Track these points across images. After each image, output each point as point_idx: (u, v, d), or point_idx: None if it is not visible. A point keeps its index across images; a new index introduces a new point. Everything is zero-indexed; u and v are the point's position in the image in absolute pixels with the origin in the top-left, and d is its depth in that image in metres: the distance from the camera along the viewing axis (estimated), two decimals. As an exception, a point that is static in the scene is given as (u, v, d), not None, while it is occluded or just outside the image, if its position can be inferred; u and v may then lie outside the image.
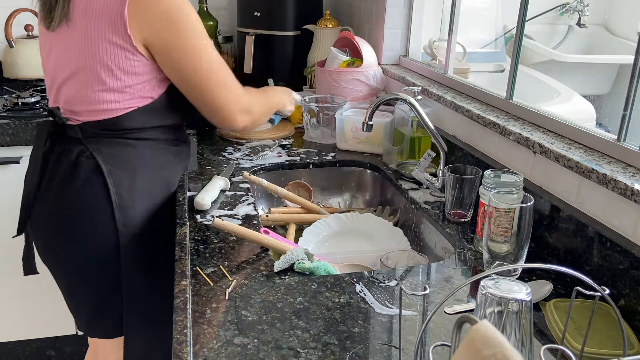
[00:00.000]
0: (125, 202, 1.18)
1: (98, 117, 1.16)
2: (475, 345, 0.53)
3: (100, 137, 1.18)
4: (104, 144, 1.18)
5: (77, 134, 1.17)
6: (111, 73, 1.13)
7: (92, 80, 1.14)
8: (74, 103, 1.17)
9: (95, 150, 1.17)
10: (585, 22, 3.12)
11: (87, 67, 1.13)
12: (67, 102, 1.18)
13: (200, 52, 1.15)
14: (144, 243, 1.22)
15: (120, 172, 1.18)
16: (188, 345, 0.80)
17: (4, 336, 2.11)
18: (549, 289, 0.95)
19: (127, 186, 1.18)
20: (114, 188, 1.16)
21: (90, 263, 1.20)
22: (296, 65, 2.20)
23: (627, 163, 1.03)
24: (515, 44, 1.39)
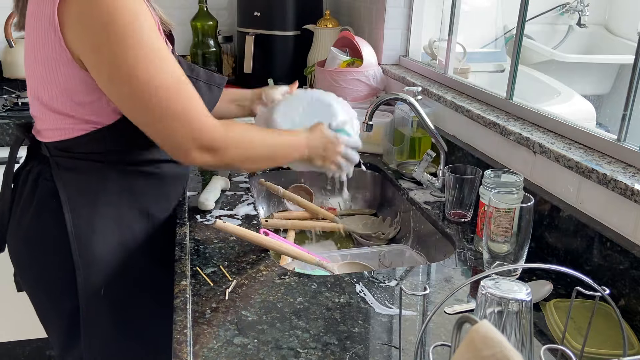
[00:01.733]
0: (84, 233, 1.03)
1: (54, 138, 1.02)
2: (475, 345, 0.53)
3: (65, 158, 1.03)
4: (67, 164, 1.03)
5: (45, 151, 1.04)
6: (53, 92, 0.97)
7: (39, 99, 1.00)
8: (37, 119, 1.06)
9: (56, 172, 1.03)
10: (585, 22, 3.12)
11: (34, 83, 1.00)
12: (34, 118, 1.07)
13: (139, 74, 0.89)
14: (106, 279, 1.06)
15: (80, 198, 1.03)
16: (188, 345, 0.80)
17: (4, 336, 2.11)
18: (549, 289, 0.95)
19: (87, 215, 1.03)
20: (70, 216, 1.02)
21: (51, 289, 1.09)
22: (296, 65, 2.20)
23: (627, 163, 1.03)
24: (515, 44, 1.39)
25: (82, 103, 0.98)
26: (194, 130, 0.94)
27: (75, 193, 1.03)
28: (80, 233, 1.02)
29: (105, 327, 1.08)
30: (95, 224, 1.03)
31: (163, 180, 1.11)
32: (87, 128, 1.00)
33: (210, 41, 2.26)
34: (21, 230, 1.08)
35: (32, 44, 0.97)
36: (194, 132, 0.94)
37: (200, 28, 2.23)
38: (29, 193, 1.06)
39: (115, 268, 1.06)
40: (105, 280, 1.05)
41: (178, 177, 1.16)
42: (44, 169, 1.04)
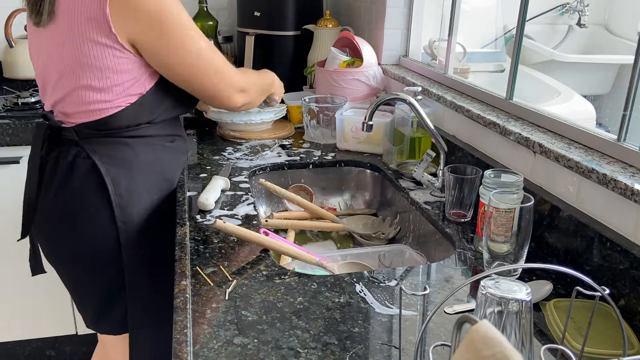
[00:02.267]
0: (125, 201, 1.18)
1: (90, 117, 1.16)
2: (475, 345, 0.53)
3: (96, 137, 1.18)
4: (99, 144, 1.18)
5: (72, 135, 1.17)
6: (99, 73, 1.12)
7: (80, 82, 1.13)
8: (65, 105, 1.17)
9: (91, 151, 1.17)
10: (585, 22, 3.12)
11: (74, 68, 1.12)
12: (59, 105, 1.18)
13: (186, 44, 1.15)
14: (145, 240, 1.22)
15: (117, 171, 1.18)
16: (188, 345, 0.80)
17: (4, 336, 2.11)
18: (549, 289, 0.95)
19: (125, 185, 1.18)
20: (113, 187, 1.17)
21: (93, 261, 1.21)
22: (296, 65, 2.20)
23: (627, 163, 1.03)
24: (515, 44, 1.39)
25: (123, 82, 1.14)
26: (232, 77, 1.26)
27: (112, 167, 1.18)
28: (121, 201, 1.18)
29: (146, 283, 1.24)
30: (132, 191, 1.19)
31: (176, 151, 1.32)
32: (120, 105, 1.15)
33: (210, 41, 2.25)
34: (58, 208, 1.19)
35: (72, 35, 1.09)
36: (232, 78, 1.26)
37: (200, 28, 2.21)
38: (65, 174, 1.17)
39: (149, 228, 1.23)
40: (143, 240, 1.22)
41: (186, 150, 1.38)
42: (78, 150, 1.17)
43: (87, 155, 1.17)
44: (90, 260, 1.22)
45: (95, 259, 1.21)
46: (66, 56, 1.12)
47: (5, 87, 2.12)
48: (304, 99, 1.75)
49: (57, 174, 1.18)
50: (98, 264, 1.22)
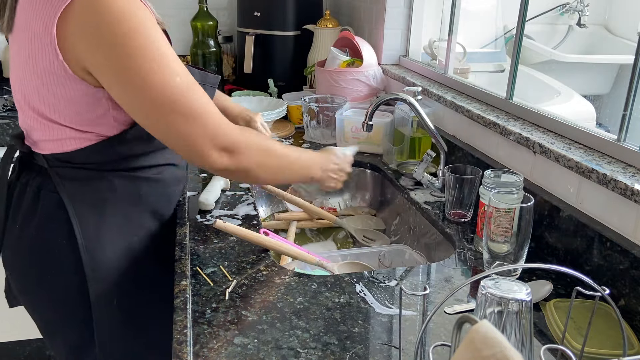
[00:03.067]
0: (94, 244, 1.01)
1: (55, 149, 0.99)
2: (475, 345, 0.53)
3: (67, 168, 1.00)
4: (70, 175, 1.01)
5: (42, 162, 1.01)
6: (52, 105, 0.94)
7: (37, 109, 0.96)
8: (31, 131, 1.01)
9: (58, 183, 1.00)
10: (585, 22, 3.12)
11: (29, 94, 0.96)
12: (26, 130, 1.03)
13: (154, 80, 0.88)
14: (119, 289, 1.05)
15: (87, 208, 1.01)
16: (188, 345, 0.80)
17: (4, 336, 2.11)
18: (549, 289, 0.95)
19: (96, 225, 1.01)
20: (79, 227, 1.00)
21: (58, 308, 1.07)
22: (296, 65, 2.20)
23: (627, 163, 1.03)
24: (515, 44, 1.39)
25: (86, 116, 0.96)
26: (212, 130, 0.92)
27: (81, 203, 1.01)
28: (89, 243, 1.01)
29: (117, 331, 1.08)
30: (104, 232, 1.02)
31: (165, 183, 1.10)
32: (91, 139, 0.98)
33: (210, 41, 2.26)
34: (23, 243, 1.04)
35: (25, 55, 0.92)
36: (212, 133, 0.92)
37: (200, 28, 2.23)
38: (30, 205, 1.02)
39: (124, 273, 1.05)
40: (116, 286, 1.05)
41: (179, 180, 1.16)
42: (45, 180, 1.01)
43: (53, 188, 1.00)
44: (56, 306, 1.07)
45: (62, 306, 1.07)
46: (21, 76, 0.96)
47: (5, 87, 2.12)
48: (304, 99, 1.75)
49: (24, 203, 1.03)
50: (65, 311, 1.07)
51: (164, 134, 0.93)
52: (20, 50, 0.94)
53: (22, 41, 0.92)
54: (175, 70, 0.90)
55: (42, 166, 1.01)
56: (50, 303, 1.07)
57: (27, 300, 1.12)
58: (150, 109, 0.90)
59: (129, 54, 0.86)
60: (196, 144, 0.92)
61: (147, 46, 0.87)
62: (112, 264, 1.03)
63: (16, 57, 0.96)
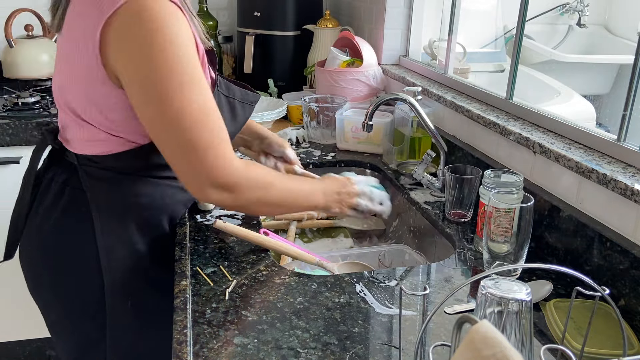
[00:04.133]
0: (112, 244, 1.03)
1: (86, 150, 1.01)
2: (475, 345, 0.53)
3: (95, 168, 1.02)
4: (98, 175, 1.02)
5: (73, 159, 1.03)
6: (86, 107, 0.97)
7: (71, 107, 0.99)
8: (65, 129, 1.04)
9: (85, 181, 1.02)
10: (585, 22, 3.13)
11: (67, 92, 0.99)
12: (62, 126, 1.05)
13: (168, 100, 0.87)
14: (134, 289, 1.07)
15: (109, 208, 1.03)
16: (188, 345, 0.80)
17: (4, 336, 2.11)
18: (549, 289, 0.95)
19: (116, 225, 1.03)
20: (100, 225, 1.02)
21: (71, 306, 1.08)
22: (296, 65, 2.20)
23: (627, 163, 1.03)
24: (515, 44, 1.39)
25: (118, 122, 0.97)
26: (215, 166, 0.91)
27: (105, 203, 1.02)
28: (107, 243, 1.02)
29: (130, 332, 1.09)
30: (123, 233, 1.04)
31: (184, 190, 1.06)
32: (122, 144, 1.00)
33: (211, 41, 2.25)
34: (40, 238, 1.06)
35: (67, 55, 0.96)
36: (210, 169, 0.91)
37: (200, 28, 2.23)
38: (53, 199, 1.04)
39: (139, 275, 1.07)
40: (130, 288, 1.06)
41: None
42: (72, 176, 1.03)
43: (78, 185, 1.02)
44: (69, 305, 1.08)
45: (74, 305, 1.08)
46: (62, 75, 0.99)
47: (5, 87, 2.12)
48: (304, 99, 1.75)
49: (47, 197, 1.05)
50: (77, 310, 1.08)
51: (167, 155, 0.93)
52: (64, 49, 0.97)
53: (67, 42, 0.96)
54: (195, 96, 0.89)
55: (72, 163, 1.04)
56: (63, 298, 1.08)
57: (38, 294, 1.13)
58: (160, 128, 0.90)
59: (156, 67, 0.86)
60: (194, 176, 0.92)
61: (174, 64, 0.87)
62: (128, 265, 1.05)
63: (60, 55, 1.00)
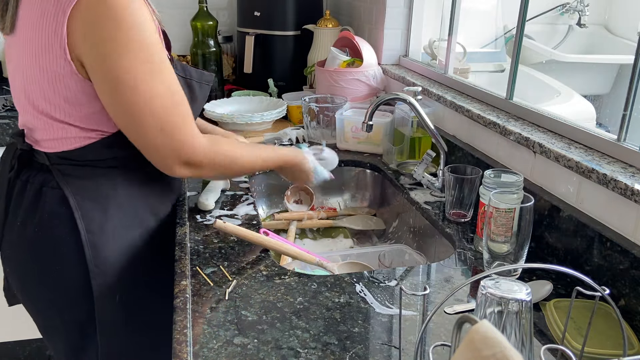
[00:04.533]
0: (98, 240, 1.02)
1: (59, 148, 1.01)
2: (475, 345, 0.53)
3: (68, 165, 1.02)
4: (72, 172, 1.02)
5: (44, 159, 1.02)
6: (56, 102, 0.96)
7: (39, 108, 0.98)
8: (33, 130, 1.03)
9: (61, 180, 1.01)
10: (585, 22, 3.13)
11: (34, 92, 0.97)
12: (28, 128, 1.04)
13: (137, 84, 0.90)
14: (121, 284, 1.06)
15: (91, 204, 1.02)
16: (188, 345, 0.80)
17: (4, 336, 2.11)
18: (549, 289, 0.95)
19: (99, 220, 1.03)
20: (83, 223, 1.01)
21: (60, 305, 1.07)
22: (296, 65, 2.20)
23: (627, 163, 1.03)
24: (515, 44, 1.39)
25: (87, 113, 0.98)
26: (182, 147, 0.97)
27: (84, 199, 1.02)
28: (93, 239, 1.02)
29: (119, 328, 1.09)
30: (107, 227, 1.04)
31: (165, 177, 1.11)
32: (93, 137, 1.00)
33: (210, 41, 2.25)
34: (24, 240, 1.05)
35: (30, 55, 0.94)
36: (182, 149, 0.97)
37: (200, 28, 2.23)
38: (32, 202, 1.03)
39: (126, 269, 1.07)
40: (118, 282, 1.06)
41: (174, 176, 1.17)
42: (47, 177, 1.02)
43: (56, 184, 1.02)
44: (57, 304, 1.07)
45: (63, 304, 1.07)
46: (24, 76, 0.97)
47: (5, 87, 2.12)
48: (304, 99, 1.75)
49: (24, 201, 1.04)
50: (66, 309, 1.07)
51: (135, 139, 0.98)
52: (24, 50, 0.95)
53: (26, 41, 0.94)
54: (160, 80, 0.93)
55: (44, 164, 1.03)
56: (51, 301, 1.07)
57: (27, 298, 1.12)
58: (129, 112, 0.93)
59: (120, 53, 0.89)
60: (163, 156, 0.97)
61: (139, 50, 0.90)
62: (114, 259, 1.05)
63: (19, 57, 0.97)
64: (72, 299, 1.06)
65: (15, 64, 1.00)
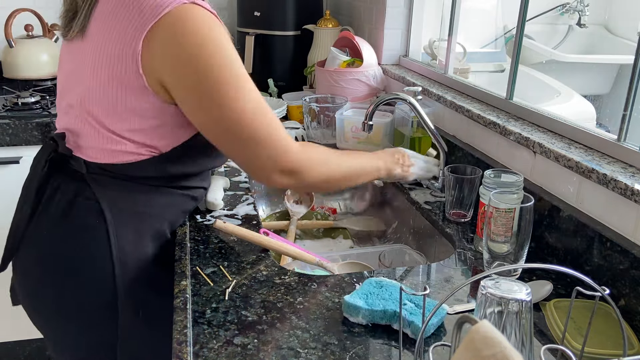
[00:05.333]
0: (128, 256, 1.01)
1: (102, 159, 0.99)
2: (475, 345, 0.53)
3: (106, 177, 1.00)
4: (110, 184, 1.00)
5: (80, 167, 1.00)
6: (114, 113, 0.96)
7: (97, 117, 0.97)
8: (80, 136, 1.00)
9: (98, 191, 0.99)
10: (585, 22, 3.12)
11: (92, 100, 0.96)
12: (73, 132, 1.01)
13: (225, 102, 0.93)
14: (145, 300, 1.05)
15: (125, 220, 1.01)
16: (188, 345, 0.80)
17: (4, 336, 2.11)
18: (549, 289, 0.95)
19: (132, 238, 1.01)
20: (116, 240, 0.99)
21: (81, 320, 1.04)
22: (296, 65, 2.20)
23: (627, 163, 1.03)
24: (515, 44, 1.39)
25: (145, 129, 0.98)
26: (277, 154, 0.98)
27: (120, 214, 1.00)
28: (123, 255, 1.00)
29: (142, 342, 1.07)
30: (138, 244, 1.02)
31: (191, 201, 1.14)
32: (144, 153, 1.00)
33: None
34: (48, 250, 1.01)
35: (96, 64, 0.94)
36: (277, 156, 0.98)
37: (200, 28, 2.23)
38: (62, 212, 1.00)
39: (149, 284, 1.05)
40: (141, 298, 1.04)
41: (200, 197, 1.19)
42: (82, 186, 1.00)
43: (92, 196, 0.99)
44: (78, 320, 1.03)
45: (84, 319, 1.03)
46: (88, 82, 0.96)
47: (5, 87, 2.12)
48: (304, 99, 1.75)
49: (53, 209, 1.01)
50: (87, 325, 1.03)
51: (230, 153, 1.01)
52: (91, 57, 0.95)
53: (96, 50, 0.94)
54: (248, 95, 0.95)
55: (78, 171, 1.01)
56: (67, 312, 1.04)
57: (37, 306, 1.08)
58: (221, 130, 0.96)
59: (207, 76, 0.91)
60: (260, 167, 0.99)
61: (225, 69, 0.92)
62: (140, 276, 1.03)
63: (82, 63, 0.97)
64: (92, 312, 1.03)
65: (75, 68, 0.99)
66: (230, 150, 1.00)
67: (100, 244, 0.99)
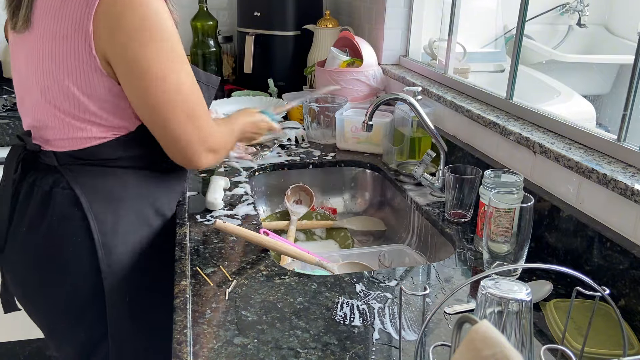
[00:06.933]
0: (110, 241, 1.02)
1: (72, 147, 1.00)
2: (475, 345, 0.53)
3: (78, 165, 1.01)
4: (83, 172, 1.01)
5: (52, 160, 1.01)
6: (76, 99, 0.96)
7: (56, 105, 0.97)
8: (45, 129, 1.01)
9: (72, 180, 1.00)
10: (585, 22, 3.13)
11: (52, 90, 0.96)
12: (37, 128, 1.02)
13: (166, 74, 0.93)
14: (131, 284, 1.06)
15: (102, 205, 1.01)
16: (188, 345, 0.80)
17: (4, 336, 2.11)
18: (549, 289, 0.95)
19: (111, 221, 1.02)
20: (96, 225, 1.00)
21: (70, 308, 1.05)
22: (296, 65, 2.20)
23: (627, 163, 1.03)
24: (515, 44, 1.39)
25: (105, 112, 0.98)
26: (205, 133, 1.01)
27: (96, 199, 1.01)
28: (105, 240, 1.01)
29: (128, 328, 1.08)
30: (118, 227, 1.03)
31: (171, 176, 1.14)
32: (109, 136, 1.00)
33: (210, 41, 2.26)
34: (31, 245, 1.03)
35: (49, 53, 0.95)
36: (206, 135, 1.01)
37: (200, 28, 2.23)
38: (39, 206, 1.01)
39: (135, 269, 1.06)
40: (128, 282, 1.05)
41: (181, 178, 1.19)
42: (56, 178, 1.01)
43: (67, 185, 1.00)
44: (67, 308, 1.05)
45: (73, 306, 1.05)
46: (41, 74, 0.96)
47: (5, 87, 2.12)
48: (305, 99, 1.75)
49: (31, 204, 1.02)
50: (76, 312, 1.06)
51: (161, 131, 0.99)
52: (41, 45, 0.95)
53: (45, 39, 0.94)
54: (186, 72, 0.97)
55: (51, 165, 1.01)
56: (61, 305, 1.06)
57: (32, 305, 1.10)
58: (156, 104, 0.95)
59: (145, 44, 0.92)
60: (190, 145, 1.00)
61: (163, 41, 0.93)
62: (124, 260, 1.04)
63: (33, 53, 0.97)
64: (83, 302, 1.05)
65: (27, 60, 0.99)
66: (161, 129, 0.98)
67: (81, 232, 1.00)
